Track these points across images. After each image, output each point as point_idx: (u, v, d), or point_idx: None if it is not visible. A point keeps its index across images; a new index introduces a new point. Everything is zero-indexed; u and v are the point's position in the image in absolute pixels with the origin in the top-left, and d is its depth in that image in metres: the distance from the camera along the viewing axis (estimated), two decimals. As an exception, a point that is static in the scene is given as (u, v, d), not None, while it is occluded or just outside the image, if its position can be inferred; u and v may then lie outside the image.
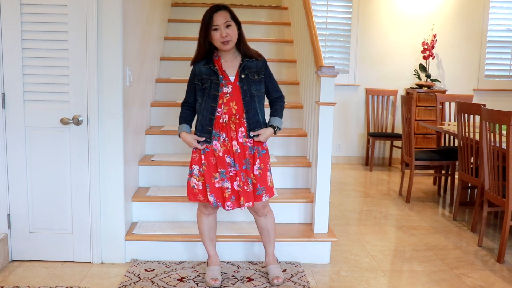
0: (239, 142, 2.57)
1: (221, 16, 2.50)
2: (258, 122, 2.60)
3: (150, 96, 3.98)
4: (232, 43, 2.53)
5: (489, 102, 6.17)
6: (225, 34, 2.48)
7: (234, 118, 2.56)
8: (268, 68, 2.67)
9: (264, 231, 2.77)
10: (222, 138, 2.57)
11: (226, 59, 2.59)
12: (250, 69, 2.58)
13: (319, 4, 6.15)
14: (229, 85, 2.55)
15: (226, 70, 2.57)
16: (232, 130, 2.56)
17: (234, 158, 2.57)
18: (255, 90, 2.58)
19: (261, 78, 2.60)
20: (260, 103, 2.61)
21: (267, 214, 2.73)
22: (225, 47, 2.51)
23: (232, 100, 2.55)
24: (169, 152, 3.71)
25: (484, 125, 3.47)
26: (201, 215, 2.73)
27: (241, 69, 2.57)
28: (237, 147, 2.57)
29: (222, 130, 2.56)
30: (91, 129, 2.85)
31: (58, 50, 2.78)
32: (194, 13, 5.17)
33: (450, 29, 6.29)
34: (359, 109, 6.38)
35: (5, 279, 2.73)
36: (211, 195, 2.57)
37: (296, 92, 4.31)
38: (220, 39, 2.49)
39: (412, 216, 4.19)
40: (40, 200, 2.92)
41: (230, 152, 2.57)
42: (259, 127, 2.60)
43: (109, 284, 2.72)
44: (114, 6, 2.78)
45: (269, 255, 2.81)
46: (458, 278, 2.93)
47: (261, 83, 2.61)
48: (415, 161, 4.53)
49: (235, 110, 2.56)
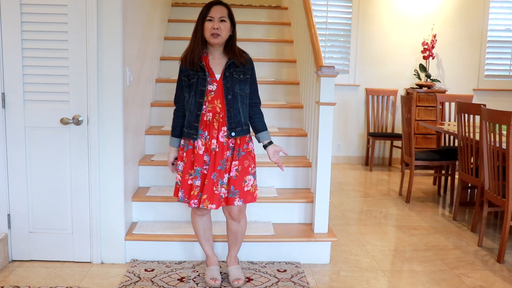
0: (219, 141, 2.53)
1: (219, 10, 2.49)
2: (239, 122, 2.56)
3: (150, 96, 3.98)
4: (221, 38, 2.49)
5: (489, 102, 6.18)
6: (217, 27, 2.46)
7: (218, 117, 2.53)
8: (254, 71, 2.66)
9: (232, 234, 2.72)
10: (204, 136, 2.54)
11: (214, 57, 2.57)
12: (236, 68, 2.55)
13: (319, 4, 6.15)
14: (214, 83, 2.53)
15: (213, 68, 2.55)
16: (215, 128, 2.53)
17: (210, 157, 2.53)
18: (238, 89, 2.55)
19: (246, 78, 2.57)
20: (243, 103, 2.57)
21: (240, 221, 2.67)
22: (213, 39, 2.48)
23: (216, 98, 2.53)
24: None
25: (484, 125, 3.47)
26: (195, 216, 2.71)
27: (226, 66, 2.54)
28: (215, 146, 2.53)
29: (205, 128, 2.54)
30: (91, 129, 2.85)
31: (58, 50, 2.78)
32: (194, 13, 5.11)
33: (450, 29, 6.29)
34: (359, 109, 6.38)
35: (5, 279, 2.73)
36: (181, 191, 2.57)
37: (296, 92, 4.30)
38: (210, 30, 2.47)
39: (412, 216, 4.19)
40: (40, 200, 2.92)
41: (209, 151, 2.54)
42: (240, 127, 2.55)
43: (109, 284, 2.72)
44: (114, 6, 2.78)
45: (232, 256, 2.79)
46: (458, 278, 2.93)
47: (246, 83, 2.58)
48: (415, 161, 4.53)
49: (219, 109, 2.53)
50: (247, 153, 2.59)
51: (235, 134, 2.55)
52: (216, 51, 2.57)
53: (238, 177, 2.54)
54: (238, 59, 2.55)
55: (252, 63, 2.63)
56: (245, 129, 2.59)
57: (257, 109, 2.69)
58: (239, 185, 2.55)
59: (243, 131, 2.57)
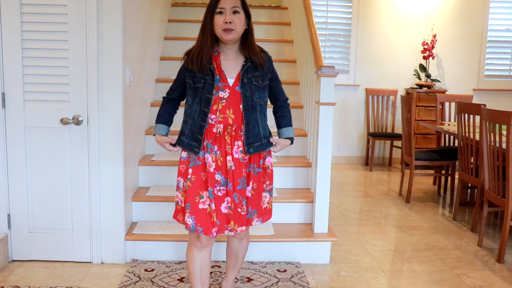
0: (235, 157, 2.13)
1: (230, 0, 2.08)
2: (257, 135, 2.16)
3: (150, 96, 3.98)
4: (235, 33, 2.08)
5: (489, 102, 6.18)
6: (230, 20, 2.05)
7: (230, 130, 2.12)
8: (274, 70, 2.26)
9: (233, 254, 2.41)
10: (214, 151, 2.13)
11: (227, 57, 2.15)
12: (254, 72, 2.14)
13: (319, 4, 6.15)
14: (226, 89, 2.10)
15: (225, 70, 2.12)
16: (227, 143, 2.13)
17: (228, 176, 2.13)
18: (257, 98, 2.14)
19: (265, 84, 2.18)
20: (262, 113, 2.18)
21: (243, 238, 2.37)
22: (226, 36, 2.07)
23: (228, 108, 2.11)
24: (169, 152, 3.70)
25: (484, 125, 3.47)
26: (192, 249, 2.20)
27: (243, 71, 2.12)
28: (232, 164, 2.13)
29: (215, 141, 2.12)
30: (91, 129, 2.85)
31: (58, 50, 2.78)
32: (194, 13, 5.17)
33: (450, 29, 6.29)
34: (359, 109, 6.38)
35: (5, 279, 2.73)
36: (190, 217, 2.10)
37: (296, 92, 4.31)
38: (222, 25, 2.05)
39: (412, 216, 4.19)
40: (40, 200, 2.92)
41: (222, 169, 2.13)
42: (259, 141, 2.17)
43: (109, 284, 2.72)
44: (114, 6, 2.78)
45: (229, 280, 2.51)
46: (458, 278, 2.93)
47: (265, 90, 2.19)
48: (415, 161, 4.53)
49: (232, 120, 2.12)
50: (263, 169, 2.24)
51: (253, 150, 2.16)
52: (230, 49, 2.15)
53: (254, 196, 2.21)
54: (257, 59, 2.14)
55: (271, 62, 2.24)
56: (264, 143, 2.19)
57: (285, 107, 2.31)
58: (257, 204, 2.23)
59: (261, 146, 2.19)
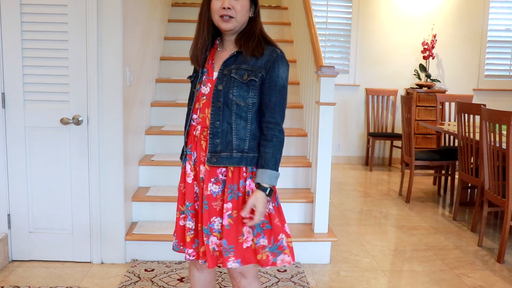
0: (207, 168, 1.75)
1: None
2: (229, 144, 1.70)
3: (150, 96, 3.98)
4: (235, 22, 1.70)
5: (489, 102, 6.18)
6: (228, 6, 1.67)
7: (206, 133, 1.74)
8: (276, 74, 1.71)
9: None
10: (193, 158, 1.79)
11: (223, 48, 1.80)
12: (241, 63, 1.71)
13: (319, 4, 6.15)
14: (209, 84, 1.75)
15: (216, 62, 1.78)
16: (202, 149, 1.75)
17: (200, 190, 1.77)
18: (235, 96, 1.69)
19: (251, 80, 1.69)
20: (240, 116, 1.70)
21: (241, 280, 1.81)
22: (224, 24, 1.70)
23: (208, 106, 1.73)
24: (169, 152, 3.71)
25: (484, 125, 3.47)
26: (192, 269, 1.94)
27: (226, 60, 1.73)
28: (204, 175, 1.75)
29: (194, 147, 1.78)
30: (91, 129, 2.85)
31: (58, 50, 2.78)
32: (194, 13, 5.16)
33: (450, 29, 6.29)
34: (359, 109, 6.38)
35: (5, 279, 2.73)
36: (174, 235, 1.88)
37: (296, 92, 4.31)
38: (220, 11, 1.68)
39: (412, 216, 4.19)
40: (40, 200, 2.92)
41: (198, 180, 1.79)
42: (228, 152, 1.70)
43: (109, 284, 2.72)
44: (114, 6, 2.78)
45: None
46: (458, 278, 2.93)
47: (251, 89, 1.70)
48: (415, 161, 4.53)
49: (208, 121, 1.74)
50: (244, 195, 1.73)
51: (217, 161, 1.70)
52: (228, 40, 1.78)
53: (231, 227, 1.71)
54: (249, 48, 1.71)
55: (275, 60, 1.71)
56: (237, 157, 1.70)
57: (269, 134, 1.71)
58: (233, 239, 1.71)
59: (231, 158, 1.70)
